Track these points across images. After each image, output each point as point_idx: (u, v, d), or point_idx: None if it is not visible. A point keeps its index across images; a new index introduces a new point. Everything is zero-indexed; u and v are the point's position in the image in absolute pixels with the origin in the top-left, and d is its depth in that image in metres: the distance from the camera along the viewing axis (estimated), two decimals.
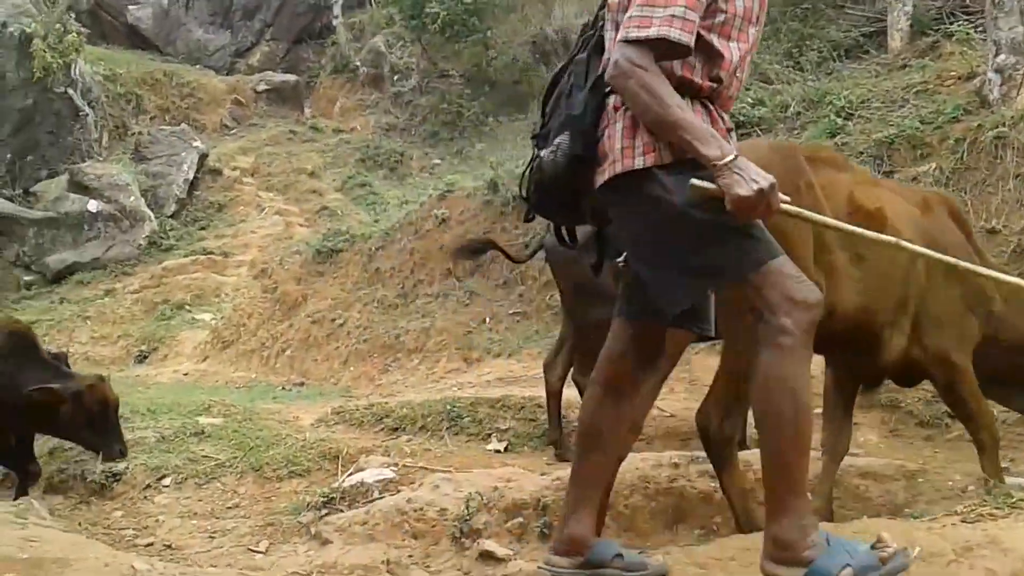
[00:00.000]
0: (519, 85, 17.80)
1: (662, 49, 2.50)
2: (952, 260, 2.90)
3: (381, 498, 4.71)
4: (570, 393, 5.69)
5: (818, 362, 5.92)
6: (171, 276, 13.84)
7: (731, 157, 2.40)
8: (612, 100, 2.65)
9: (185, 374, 10.65)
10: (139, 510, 5.35)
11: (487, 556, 3.88)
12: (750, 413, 3.58)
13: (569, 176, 2.66)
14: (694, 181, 2.43)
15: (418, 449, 5.66)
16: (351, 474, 5.22)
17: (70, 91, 16.34)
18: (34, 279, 14.71)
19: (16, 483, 5.85)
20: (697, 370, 6.64)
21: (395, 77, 19.86)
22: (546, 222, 9.00)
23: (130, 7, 21.45)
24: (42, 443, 6.09)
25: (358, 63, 20.55)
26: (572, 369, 5.56)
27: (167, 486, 5.72)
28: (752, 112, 8.66)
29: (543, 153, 2.73)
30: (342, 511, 4.66)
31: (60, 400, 5.35)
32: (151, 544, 4.69)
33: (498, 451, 5.68)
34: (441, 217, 10.03)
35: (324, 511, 4.72)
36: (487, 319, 9.04)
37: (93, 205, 15.28)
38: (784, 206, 2.48)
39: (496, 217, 9.68)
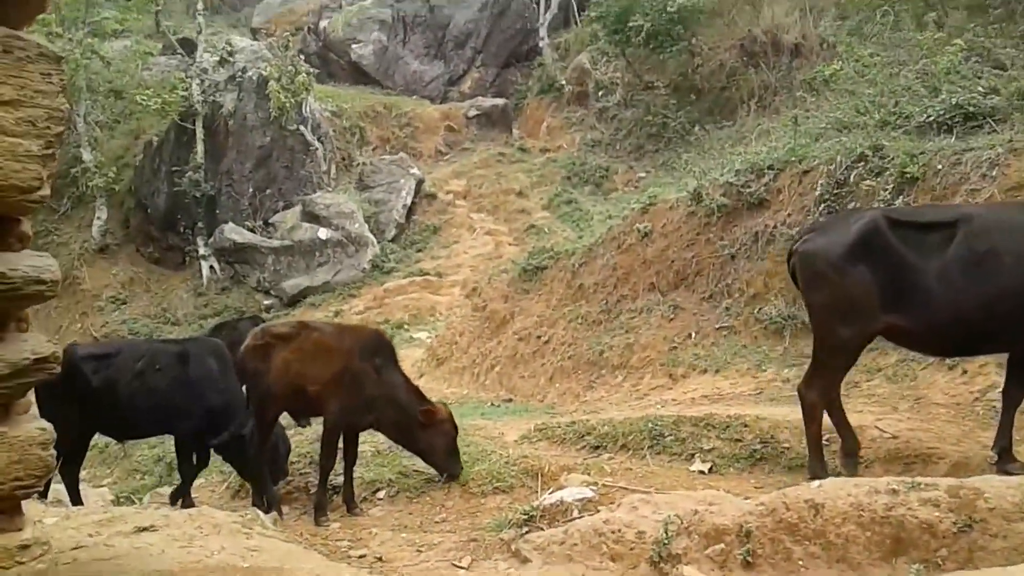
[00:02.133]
0: (726, 91, 17.27)
1: None
2: None
3: (580, 517, 4.67)
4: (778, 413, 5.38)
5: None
6: (391, 297, 14.66)
7: None
8: None
9: None
10: (355, 522, 5.64)
11: None
12: None
13: None
14: None
15: (618, 468, 5.58)
16: (552, 492, 5.22)
17: (302, 128, 17.81)
18: (272, 302, 16.13)
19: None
20: (923, 387, 6.09)
21: (600, 93, 19.93)
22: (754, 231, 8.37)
23: (353, 46, 23.04)
24: None
25: (563, 82, 20.84)
26: (801, 381, 5.08)
27: (381, 499, 6.01)
28: (984, 102, 7.85)
29: None
30: (542, 529, 4.67)
31: (435, 422, 5.83)
32: (363, 556, 4.91)
33: (702, 472, 5.46)
34: (644, 231, 9.88)
35: (525, 528, 4.74)
36: (692, 334, 8.77)
37: (323, 233, 16.55)
38: None
39: (700, 228, 9.38)
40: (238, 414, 6.24)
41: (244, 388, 6.44)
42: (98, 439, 8.64)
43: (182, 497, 6.59)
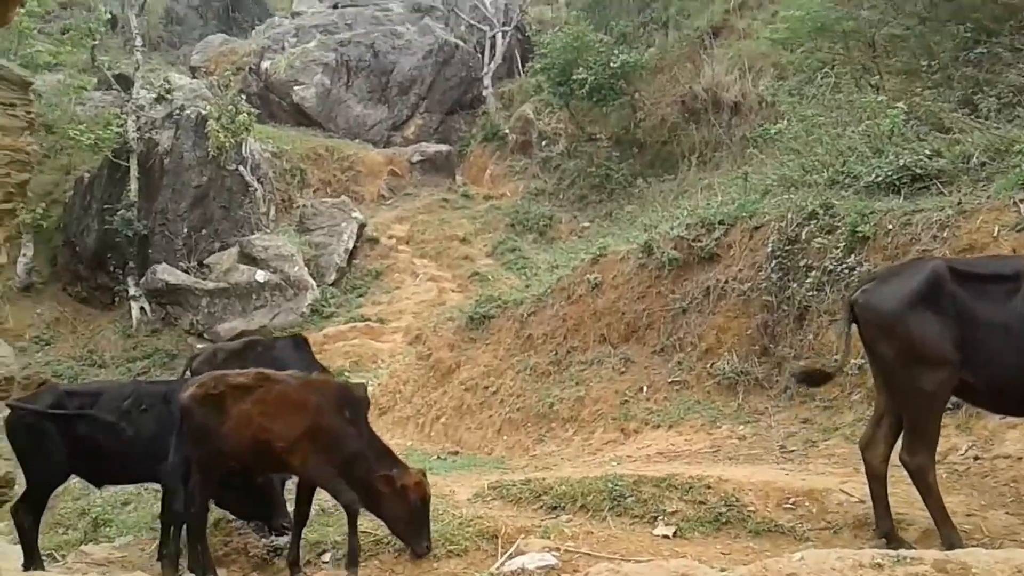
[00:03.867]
0: (667, 145, 17.54)
1: None
2: None
3: None
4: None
5: None
6: (331, 343, 14.26)
7: None
8: None
9: None
10: None
11: None
12: None
13: None
14: None
15: (579, 531, 5.36)
16: (510, 556, 4.99)
17: (241, 168, 17.42)
18: (205, 346, 15.52)
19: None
20: None
21: (543, 143, 20.08)
22: (705, 285, 8.26)
23: (295, 87, 22.76)
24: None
25: (507, 131, 20.95)
26: (902, 448, 4.66)
27: (327, 562, 5.67)
28: (930, 164, 8.02)
29: None
30: None
31: (395, 491, 5.37)
32: None
33: (666, 536, 5.28)
34: (594, 282, 9.82)
35: None
36: (644, 388, 8.68)
37: (261, 275, 16.12)
38: None
39: (651, 281, 9.37)
40: None
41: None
42: None
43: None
